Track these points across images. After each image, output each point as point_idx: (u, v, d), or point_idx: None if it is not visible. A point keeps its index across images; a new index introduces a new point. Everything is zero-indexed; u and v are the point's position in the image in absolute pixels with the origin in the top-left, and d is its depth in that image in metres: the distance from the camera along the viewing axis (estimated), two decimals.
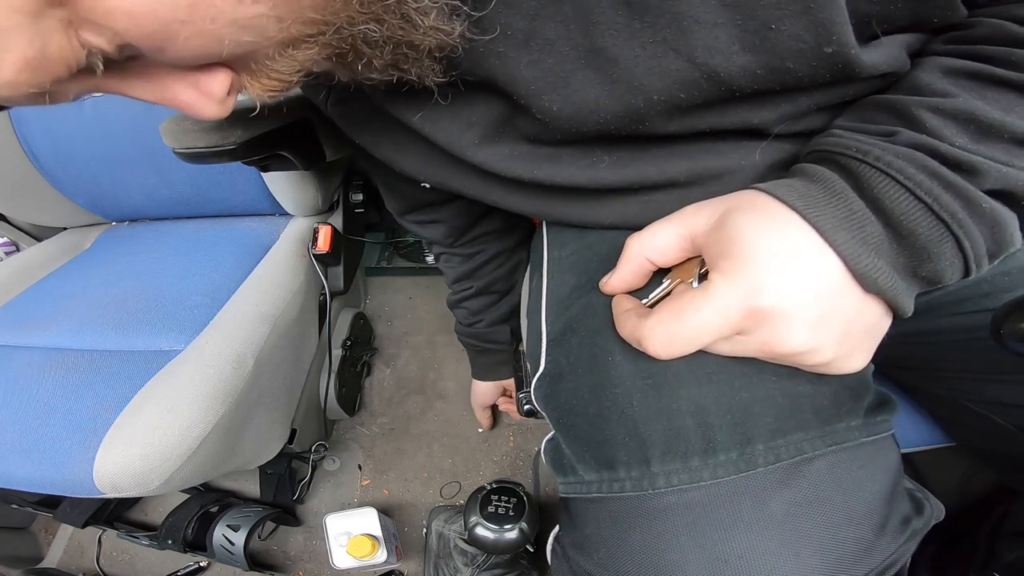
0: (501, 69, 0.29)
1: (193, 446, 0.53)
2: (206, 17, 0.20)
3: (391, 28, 0.24)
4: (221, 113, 0.24)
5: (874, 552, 0.26)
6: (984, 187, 0.24)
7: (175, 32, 0.20)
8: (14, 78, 0.19)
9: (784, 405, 0.28)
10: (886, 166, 0.24)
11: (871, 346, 0.27)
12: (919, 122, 0.25)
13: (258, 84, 0.25)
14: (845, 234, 0.24)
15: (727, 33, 0.26)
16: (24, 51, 0.18)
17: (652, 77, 0.28)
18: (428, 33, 0.25)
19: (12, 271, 0.84)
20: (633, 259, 0.31)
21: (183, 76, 0.23)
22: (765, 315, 0.24)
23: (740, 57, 0.26)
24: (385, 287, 1.27)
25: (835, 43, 0.25)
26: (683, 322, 0.26)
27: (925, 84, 0.27)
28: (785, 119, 0.31)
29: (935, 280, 0.25)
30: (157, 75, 0.23)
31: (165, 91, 0.23)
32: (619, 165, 0.34)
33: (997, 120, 0.24)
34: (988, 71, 0.26)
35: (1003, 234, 0.24)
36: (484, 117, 0.33)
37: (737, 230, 0.26)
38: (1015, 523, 0.54)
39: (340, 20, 0.23)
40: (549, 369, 0.37)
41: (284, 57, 0.23)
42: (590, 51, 0.28)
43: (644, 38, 0.27)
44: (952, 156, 0.24)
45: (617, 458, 0.30)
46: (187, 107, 0.24)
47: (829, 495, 0.27)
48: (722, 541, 0.26)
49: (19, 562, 0.91)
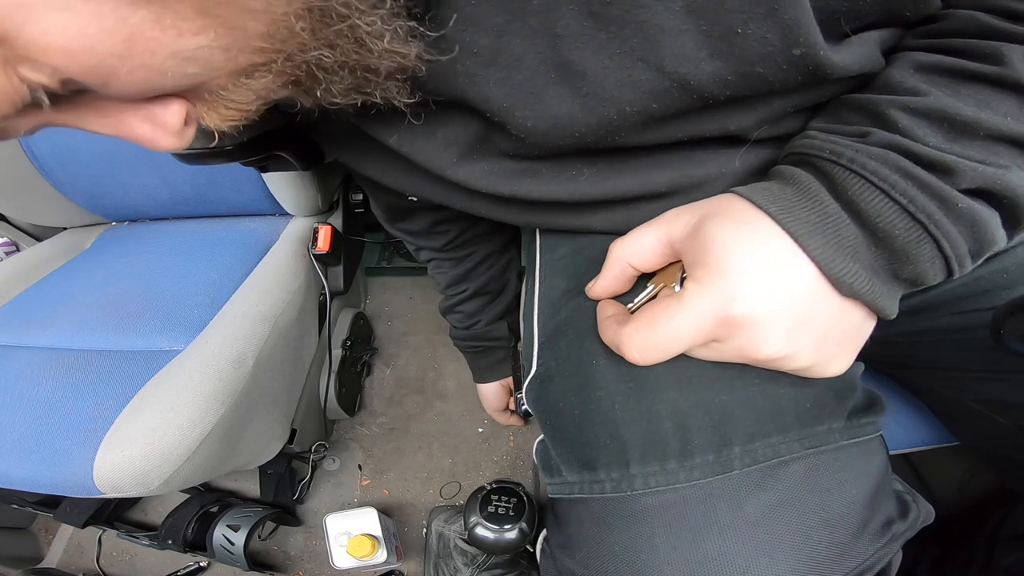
0: (471, 88, 0.28)
1: (193, 446, 0.53)
2: (145, 51, 0.19)
3: (345, 53, 0.23)
4: (180, 144, 0.24)
5: (850, 555, 0.26)
6: (960, 186, 0.23)
7: (114, 67, 0.19)
8: None
9: (765, 407, 0.28)
10: (860, 167, 0.24)
11: (853, 349, 0.27)
12: (891, 122, 0.25)
13: (215, 114, 0.24)
14: (819, 239, 0.24)
15: (693, 40, 0.25)
16: None
17: (623, 89, 0.27)
18: (383, 56, 0.24)
19: (12, 271, 0.84)
20: (615, 265, 0.32)
21: (137, 109, 0.22)
22: (738, 323, 0.24)
23: (708, 64, 0.26)
24: (385, 287, 1.27)
25: (803, 44, 0.24)
26: (657, 330, 0.26)
27: (897, 82, 0.26)
28: (763, 124, 0.30)
29: (918, 281, 0.25)
30: (110, 108, 0.22)
31: (120, 125, 0.23)
32: (599, 178, 0.34)
33: (971, 117, 0.24)
34: (960, 65, 0.25)
35: (983, 233, 0.23)
36: (460, 135, 0.33)
37: (711, 237, 0.26)
38: (1015, 526, 0.54)
39: (290, 47, 0.22)
40: (539, 372, 0.38)
41: (239, 87, 0.23)
42: (559, 65, 0.27)
43: (611, 49, 0.26)
44: (926, 156, 0.23)
45: (599, 460, 0.30)
46: (145, 141, 0.23)
47: (804, 498, 0.27)
48: (697, 542, 0.26)
49: (19, 562, 0.91)
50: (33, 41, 0.18)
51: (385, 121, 0.33)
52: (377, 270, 1.28)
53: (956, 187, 0.23)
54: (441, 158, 0.34)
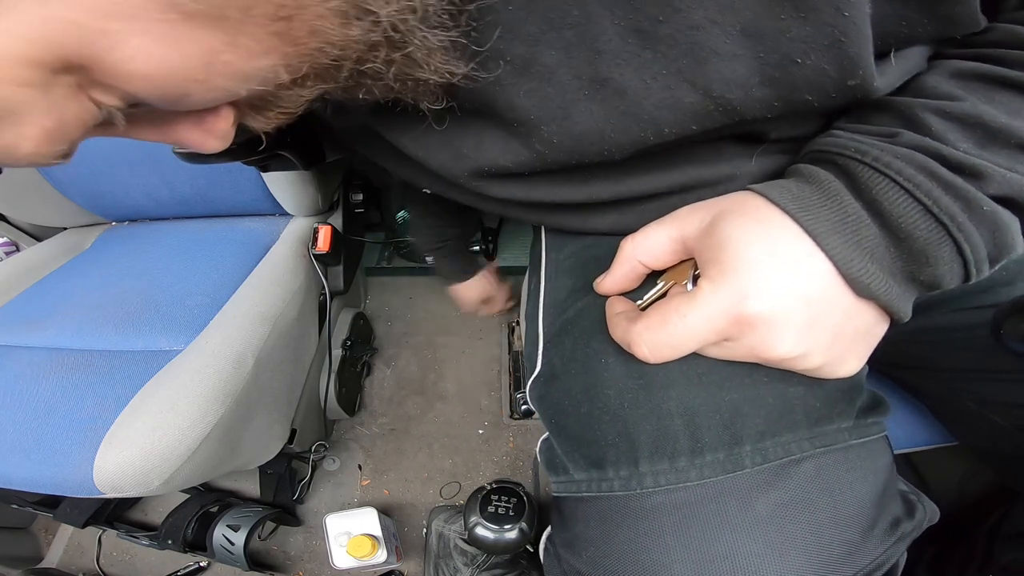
0: (500, 96, 0.28)
1: (193, 446, 0.53)
2: (219, 74, 0.19)
3: (398, 67, 0.23)
4: (223, 146, 0.24)
5: (860, 554, 0.26)
6: (989, 191, 0.23)
7: (190, 90, 0.20)
8: (36, 150, 0.19)
9: (775, 406, 0.28)
10: (884, 166, 0.24)
11: (865, 351, 0.27)
12: (923, 125, 0.25)
13: (262, 118, 0.25)
14: (838, 238, 0.24)
15: (746, 66, 0.24)
16: (42, 123, 0.18)
17: (663, 110, 0.26)
18: (434, 73, 0.24)
19: (12, 271, 0.84)
20: (626, 262, 0.31)
21: (187, 118, 0.23)
22: (751, 322, 0.24)
23: (758, 90, 0.25)
24: (385, 287, 1.27)
25: (859, 76, 0.24)
26: (669, 328, 0.26)
27: (931, 87, 0.26)
28: (783, 127, 0.30)
29: (934, 285, 0.25)
30: (163, 120, 0.23)
31: (171, 133, 0.23)
32: (613, 180, 0.34)
33: (1004, 124, 0.24)
34: (999, 73, 0.25)
35: (1004, 237, 0.23)
36: (474, 151, 0.32)
37: (726, 235, 0.26)
38: (1014, 524, 0.54)
39: (349, 62, 0.22)
40: (544, 370, 0.38)
41: (291, 94, 0.23)
42: (594, 81, 0.26)
43: (656, 69, 0.25)
44: (955, 159, 0.23)
45: (607, 458, 0.30)
46: (195, 145, 0.24)
47: (816, 497, 0.27)
48: (707, 541, 0.26)
49: (19, 562, 0.91)
50: (114, 68, 0.18)
51: (403, 124, 0.33)
52: (377, 270, 1.28)
53: (985, 191, 0.23)
54: (454, 169, 0.33)
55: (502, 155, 0.31)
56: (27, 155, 0.19)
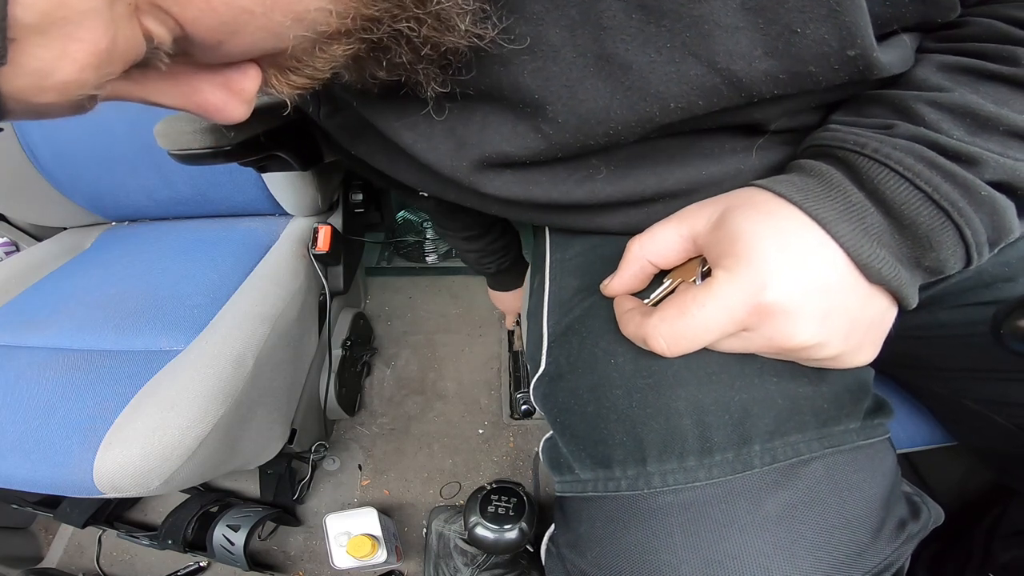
0: (505, 76, 0.28)
1: (193, 446, 0.53)
2: (273, 8, 0.19)
3: (428, 28, 0.23)
4: (246, 114, 0.24)
5: (869, 555, 0.26)
6: (984, 177, 0.24)
7: (243, 24, 0.19)
8: (77, 75, 0.17)
9: (783, 406, 0.28)
10: (884, 157, 0.24)
11: (879, 338, 0.27)
12: (917, 115, 0.26)
13: (287, 82, 0.24)
14: (846, 225, 0.24)
15: (749, 37, 0.25)
16: (98, 41, 0.16)
17: (669, 84, 0.27)
18: (463, 36, 0.24)
19: (12, 271, 0.84)
20: (634, 262, 0.31)
21: (213, 76, 0.22)
22: (770, 310, 0.24)
23: (763, 62, 0.26)
24: (385, 287, 1.27)
25: (859, 46, 0.24)
26: (687, 319, 0.26)
27: (921, 79, 0.27)
28: (785, 115, 0.30)
29: (938, 270, 0.25)
30: (186, 76, 0.22)
31: (193, 94, 0.23)
32: (617, 176, 0.34)
33: (992, 113, 0.24)
34: (981, 66, 0.26)
35: (1002, 221, 0.24)
36: (478, 137, 0.32)
37: (738, 227, 0.26)
38: (1012, 523, 0.54)
39: (386, 17, 0.22)
40: (549, 369, 0.37)
41: (319, 54, 0.23)
42: (600, 58, 0.27)
43: (660, 43, 0.26)
44: (951, 147, 0.24)
45: (614, 457, 0.30)
46: (216, 110, 0.23)
47: (825, 497, 0.27)
48: (716, 541, 0.26)
49: (19, 562, 0.91)
50: None
51: (403, 114, 0.33)
52: (377, 270, 1.28)
53: (981, 177, 0.24)
54: (454, 161, 0.33)
55: (507, 140, 0.31)
56: (63, 82, 0.17)
